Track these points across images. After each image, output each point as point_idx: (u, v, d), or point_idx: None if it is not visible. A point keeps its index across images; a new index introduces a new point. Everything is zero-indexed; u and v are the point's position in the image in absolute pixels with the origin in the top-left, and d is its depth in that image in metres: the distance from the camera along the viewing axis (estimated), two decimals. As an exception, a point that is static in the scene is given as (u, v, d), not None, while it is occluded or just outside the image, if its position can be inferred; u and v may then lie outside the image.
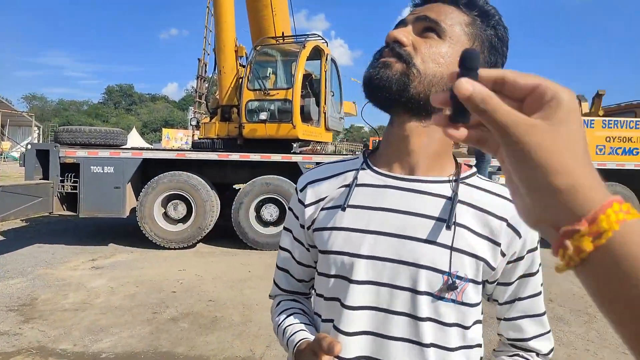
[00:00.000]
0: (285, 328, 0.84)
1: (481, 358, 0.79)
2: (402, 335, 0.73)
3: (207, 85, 10.55)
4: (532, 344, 0.80)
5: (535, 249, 0.78)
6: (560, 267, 0.34)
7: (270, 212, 6.52)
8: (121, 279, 4.98)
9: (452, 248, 0.72)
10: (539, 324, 0.81)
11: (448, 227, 0.73)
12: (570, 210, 0.33)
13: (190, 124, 10.70)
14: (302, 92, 6.76)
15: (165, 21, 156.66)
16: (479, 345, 0.78)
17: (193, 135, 11.07)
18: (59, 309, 4.02)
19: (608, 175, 7.09)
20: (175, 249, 6.45)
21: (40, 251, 6.20)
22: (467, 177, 0.80)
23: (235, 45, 7.09)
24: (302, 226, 0.86)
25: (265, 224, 6.58)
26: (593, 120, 7.28)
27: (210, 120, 7.65)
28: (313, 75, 7.35)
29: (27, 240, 6.85)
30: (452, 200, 0.75)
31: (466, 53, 0.38)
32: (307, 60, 6.86)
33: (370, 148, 0.89)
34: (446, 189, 0.77)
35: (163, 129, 30.96)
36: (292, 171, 6.45)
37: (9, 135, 26.27)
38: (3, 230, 7.55)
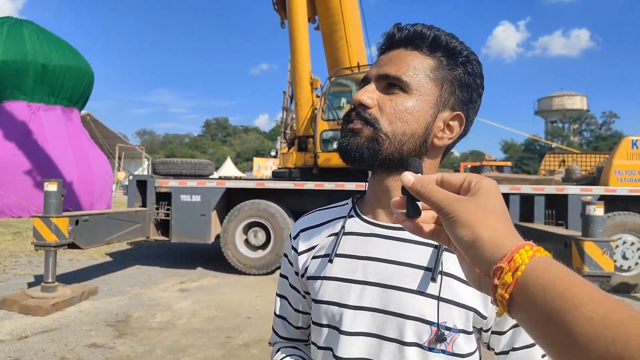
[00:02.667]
0: None
1: None
2: None
3: (292, 116, 11.03)
4: None
5: None
6: (499, 311, 0.40)
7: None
8: (203, 302, 5.30)
9: (439, 298, 0.71)
10: None
11: (434, 277, 0.71)
12: (493, 256, 0.40)
13: (270, 155, 11.21)
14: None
15: (256, 57, 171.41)
16: None
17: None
18: (147, 327, 4.39)
19: None
20: (254, 274, 6.71)
21: (139, 272, 6.84)
22: None
23: (311, 78, 7.37)
24: (297, 273, 0.88)
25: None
26: None
27: (288, 151, 7.99)
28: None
29: (128, 261, 7.61)
30: (438, 249, 0.74)
31: (410, 161, 0.51)
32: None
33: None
34: None
35: (254, 159, 32.49)
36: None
37: (124, 166, 29.55)
38: (112, 252, 8.47)
